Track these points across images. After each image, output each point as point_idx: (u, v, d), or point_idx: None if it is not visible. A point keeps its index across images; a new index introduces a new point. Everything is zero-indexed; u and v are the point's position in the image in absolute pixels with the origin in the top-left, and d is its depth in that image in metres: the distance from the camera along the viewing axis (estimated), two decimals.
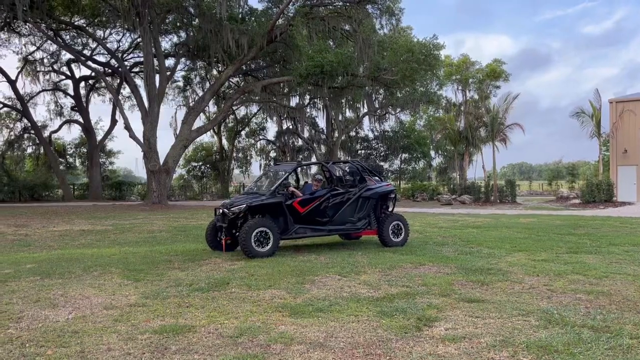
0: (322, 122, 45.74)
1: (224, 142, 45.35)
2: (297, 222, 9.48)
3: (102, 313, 5.29)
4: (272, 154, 49.28)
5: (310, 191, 9.93)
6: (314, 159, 48.43)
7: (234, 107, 37.16)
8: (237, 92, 30.82)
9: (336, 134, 43.92)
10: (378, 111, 40.23)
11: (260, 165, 47.87)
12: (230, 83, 34.10)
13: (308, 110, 41.65)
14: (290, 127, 44.68)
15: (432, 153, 48.92)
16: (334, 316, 5.06)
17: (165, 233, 13.16)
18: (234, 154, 45.49)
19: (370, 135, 47.46)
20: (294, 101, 36.26)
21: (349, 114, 43.29)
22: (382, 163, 48.26)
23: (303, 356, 3.95)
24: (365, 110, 39.63)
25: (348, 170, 10.65)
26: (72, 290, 6.36)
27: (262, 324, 4.81)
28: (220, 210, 9.57)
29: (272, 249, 8.90)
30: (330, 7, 26.19)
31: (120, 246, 10.64)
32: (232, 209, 9.25)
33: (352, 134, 46.86)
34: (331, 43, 28.03)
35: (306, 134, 46.33)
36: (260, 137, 47.96)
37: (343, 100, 35.97)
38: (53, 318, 5.12)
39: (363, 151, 48.78)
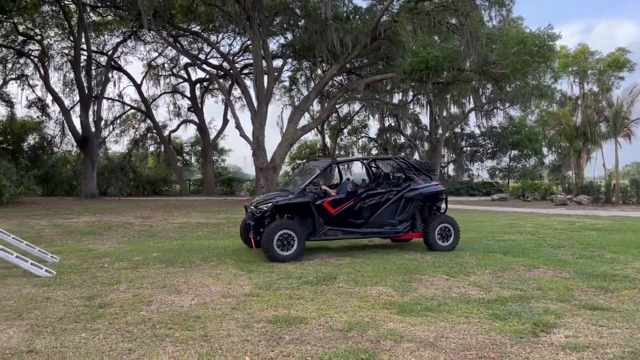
0: (425, 119, 44.89)
1: (327, 140, 46.15)
2: (328, 223, 8.87)
3: (221, 301, 5.66)
4: (374, 152, 49.28)
5: (345, 190, 9.27)
6: (416, 157, 47.71)
7: (337, 106, 37.67)
8: (341, 90, 31.19)
9: (440, 131, 42.86)
10: (485, 106, 38.68)
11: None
12: (334, 82, 34.59)
13: (411, 106, 41.10)
14: (393, 124, 44.34)
15: (545, 150, 46.06)
16: (443, 316, 4.99)
17: None
18: (336, 152, 46.09)
19: (477, 131, 45.77)
20: (396, 98, 35.98)
21: (453, 109, 42.08)
22: (489, 160, 46.32)
23: (414, 354, 3.96)
24: (472, 106, 38.27)
25: (390, 169, 10.15)
26: (193, 279, 6.87)
27: (371, 320, 4.88)
28: (249, 208, 9.24)
29: (297, 252, 8.30)
30: (436, 0, 25.60)
31: (234, 239, 11.26)
32: (259, 207, 8.91)
33: (457, 130, 45.48)
34: (436, 38, 27.42)
35: (409, 131, 45.73)
36: (362, 134, 48.17)
37: (448, 96, 35.04)
38: (178, 303, 5.57)
39: (469, 148, 47.16)
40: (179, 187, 38.52)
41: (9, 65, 30.35)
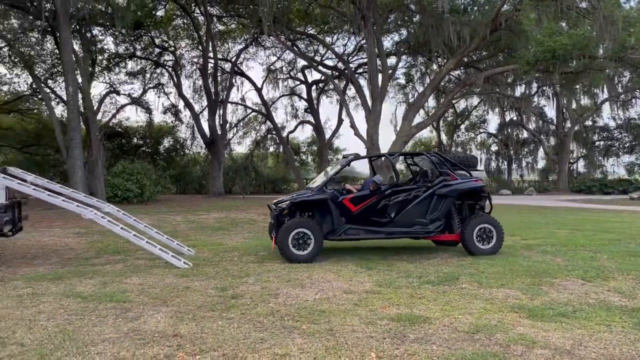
0: (551, 112, 42.00)
1: (443, 136, 44.97)
2: (350, 222, 8.50)
3: (343, 297, 5.79)
4: (494, 148, 47.06)
5: (367, 187, 8.86)
6: (541, 153, 44.73)
7: (454, 101, 36.53)
8: (458, 85, 30.18)
9: (568, 124, 39.82)
10: (622, 96, 35.18)
11: (481, 160, 46.15)
12: (451, 77, 33.61)
13: (535, 99, 38.64)
14: (514, 118, 42.03)
15: None
16: (580, 323, 4.66)
17: None
18: (453, 148, 44.73)
19: (612, 124, 41.81)
20: (518, 90, 34.04)
21: (584, 101, 38.84)
22: (626, 156, 42.05)
23: None
24: (605, 96, 35.00)
25: (422, 164, 9.50)
26: (316, 274, 7.09)
27: (499, 323, 4.69)
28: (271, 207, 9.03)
29: (313, 252, 8.05)
30: None
31: None
32: (278, 205, 8.72)
33: (588, 123, 41.91)
34: (564, 24, 25.46)
35: (532, 125, 43.03)
36: (481, 130, 46.27)
37: (577, 87, 32.38)
38: (303, 297, 5.79)
39: (602, 142, 43.25)
40: (297, 185, 39.86)
41: (147, 75, 33.48)
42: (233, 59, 34.09)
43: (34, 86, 28.73)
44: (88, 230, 12.14)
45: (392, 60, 31.91)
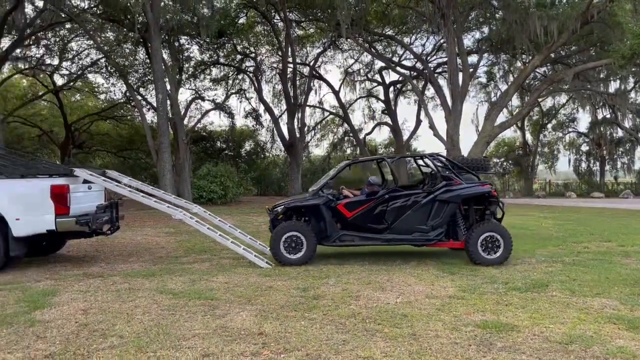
0: None
1: (528, 136, 42.92)
2: (345, 228, 8.30)
3: (425, 301, 5.69)
4: (584, 148, 44.29)
5: (365, 192, 8.57)
6: (638, 153, 41.57)
7: (540, 99, 34.76)
8: (545, 82, 28.72)
9: None
10: None
11: (569, 161, 43.65)
12: (536, 74, 32.06)
13: (632, 95, 35.91)
14: (608, 116, 39.30)
15: None
16: None
17: None
18: (539, 149, 42.61)
19: None
20: (613, 86, 31.78)
21: None
22: None
23: None
24: None
25: (428, 167, 8.95)
26: (396, 277, 7.02)
27: (595, 335, 4.41)
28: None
29: (306, 256, 7.95)
30: None
31: None
32: (274, 209, 8.62)
33: None
34: None
35: (628, 124, 40.02)
36: (570, 129, 43.64)
37: None
38: (384, 300, 5.75)
39: None
40: None
41: (230, 82, 34.76)
42: (311, 63, 34.58)
43: (128, 94, 30.77)
44: (177, 230, 12.79)
45: (473, 59, 30.97)
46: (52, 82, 32.31)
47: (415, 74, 33.76)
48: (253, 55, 33.42)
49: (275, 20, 30.83)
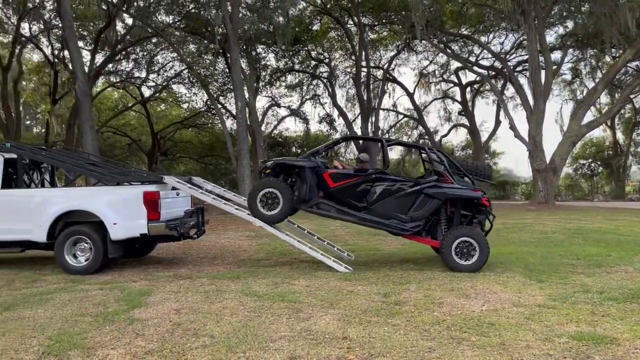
0: None
1: (619, 135, 40.23)
2: (325, 197, 8.20)
3: (513, 310, 5.49)
4: None
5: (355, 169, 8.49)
6: None
7: (632, 96, 32.45)
8: (638, 77, 26.85)
9: None
10: None
11: None
12: (628, 68, 30.00)
13: None
14: None
15: None
16: None
17: (560, 234, 12.61)
18: (632, 149, 39.78)
19: None
20: None
21: None
22: None
23: None
24: None
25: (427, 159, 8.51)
26: (480, 284, 6.82)
27: None
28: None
29: (281, 214, 8.07)
30: None
31: (516, 245, 10.78)
32: (265, 162, 8.64)
33: None
34: None
35: None
36: None
37: None
38: (468, 307, 5.61)
39: None
40: None
41: (305, 88, 35.37)
42: (385, 66, 34.45)
43: (209, 103, 32.12)
44: (257, 233, 13.16)
45: (556, 55, 29.57)
46: (140, 93, 34.40)
47: (493, 73, 32.71)
48: (327, 60, 33.82)
49: (348, 25, 31.02)
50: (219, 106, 30.11)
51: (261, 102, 34.98)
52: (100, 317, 5.44)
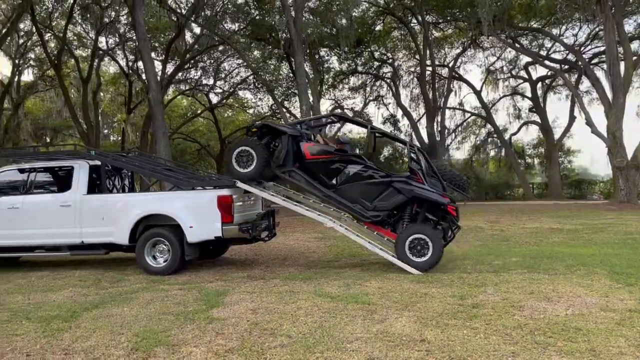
0: None
1: None
2: (300, 168, 8.38)
3: (600, 314, 5.19)
4: None
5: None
6: None
7: None
8: None
9: None
10: None
11: None
12: None
13: None
14: None
15: None
16: None
17: None
18: None
19: None
20: None
21: None
22: None
23: None
24: None
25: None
26: (561, 287, 6.50)
27: None
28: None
29: (254, 172, 8.30)
30: None
31: (598, 247, 10.20)
32: (254, 123, 8.87)
33: None
34: None
35: None
36: None
37: None
38: (551, 311, 5.36)
39: None
40: (522, 190, 37.34)
41: (368, 89, 35.29)
42: (450, 64, 33.74)
43: (274, 107, 32.70)
44: (325, 234, 13.24)
45: (635, 46, 27.79)
46: (208, 100, 35.59)
47: (566, 67, 31.23)
48: (390, 61, 33.57)
49: (412, 24, 30.63)
50: (284, 110, 30.59)
51: (325, 105, 35.17)
52: (181, 315, 5.65)
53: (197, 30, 27.97)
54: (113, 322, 5.47)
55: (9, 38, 27.53)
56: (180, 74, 30.43)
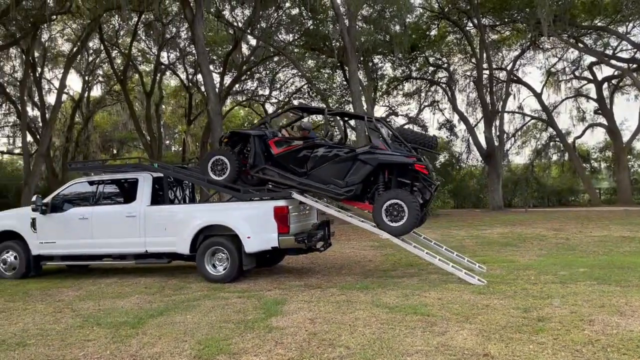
0: None
1: None
2: (271, 165, 8.81)
3: None
4: None
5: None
6: None
7: None
8: None
9: None
10: None
11: None
12: None
13: None
14: None
15: None
16: None
17: None
18: None
19: None
20: None
21: None
22: None
23: None
24: None
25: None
26: (635, 300, 6.14)
27: None
28: None
29: (229, 179, 8.79)
30: None
31: None
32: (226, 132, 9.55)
33: None
34: None
35: None
36: None
37: None
38: (625, 326, 5.07)
39: None
40: (587, 196, 35.60)
41: (423, 95, 34.83)
42: (508, 67, 32.76)
43: (328, 116, 32.83)
44: (381, 244, 13.12)
45: None
46: (264, 110, 36.24)
47: (635, 66, 29.60)
48: (445, 65, 33.01)
49: (467, 28, 30.03)
50: (338, 118, 30.68)
51: (379, 111, 34.98)
52: (241, 324, 5.75)
53: (253, 42, 28.65)
54: (177, 330, 5.64)
55: (79, 56, 29.22)
56: (237, 85, 31.21)
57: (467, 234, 15.51)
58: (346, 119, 10.29)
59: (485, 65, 29.75)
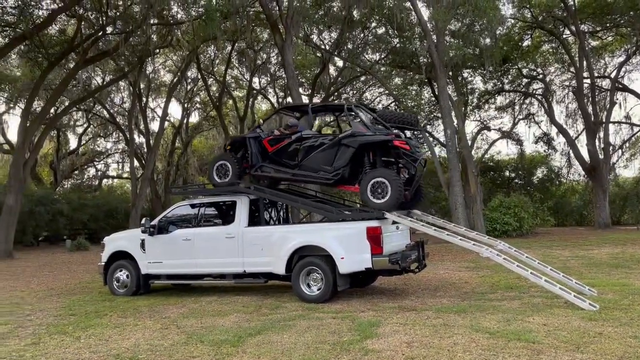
0: None
1: None
2: (267, 162, 9.51)
3: None
4: None
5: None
6: None
7: None
8: None
9: None
10: None
11: None
12: None
13: None
14: None
15: None
16: None
17: None
18: None
19: None
20: None
21: None
22: None
23: None
24: None
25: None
26: None
27: None
28: None
29: (231, 180, 9.54)
30: None
31: None
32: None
33: None
34: None
35: None
36: None
37: None
38: None
39: None
40: None
41: (517, 107, 33.35)
42: (612, 74, 30.56)
43: (415, 133, 32.43)
44: (477, 264, 12.65)
45: None
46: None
47: None
48: (541, 76, 31.47)
49: (564, 36, 28.50)
50: (427, 134, 30.20)
51: (470, 126, 33.95)
52: (337, 345, 5.78)
53: (340, 63, 29.09)
54: (275, 349, 5.77)
55: (179, 85, 31.34)
56: None
57: (572, 254, 14.53)
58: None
59: (585, 74, 28.00)
